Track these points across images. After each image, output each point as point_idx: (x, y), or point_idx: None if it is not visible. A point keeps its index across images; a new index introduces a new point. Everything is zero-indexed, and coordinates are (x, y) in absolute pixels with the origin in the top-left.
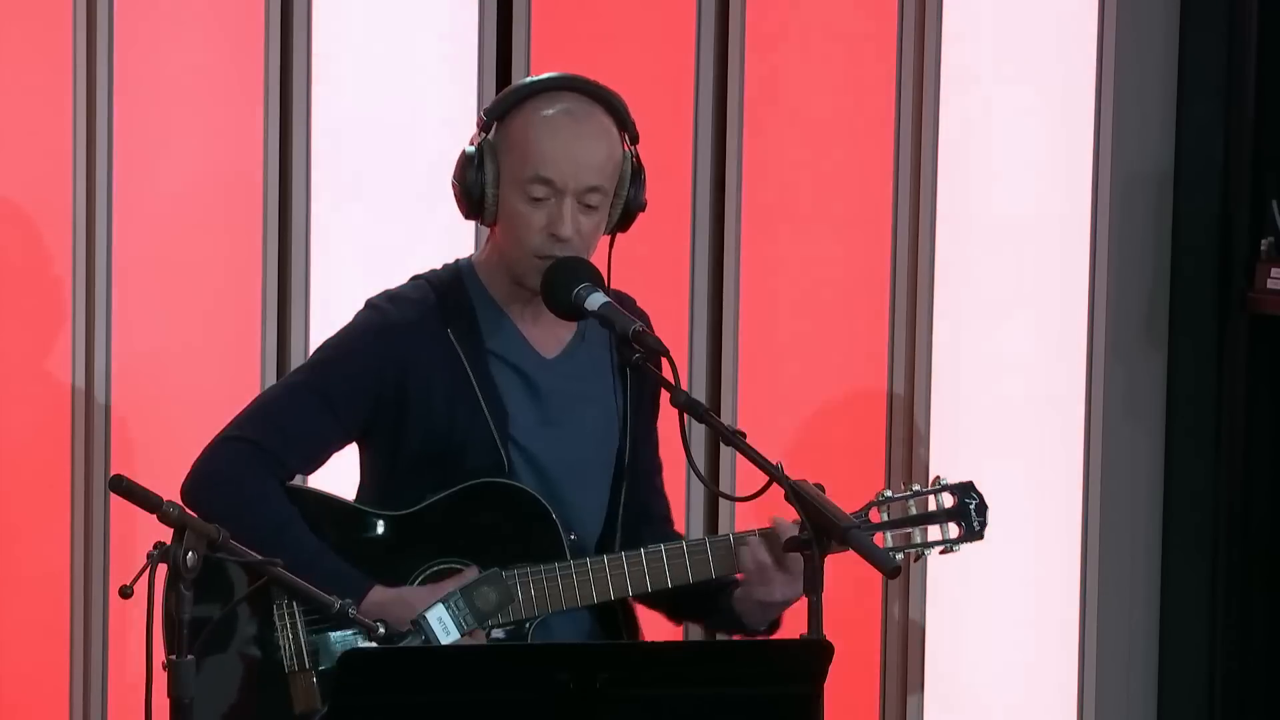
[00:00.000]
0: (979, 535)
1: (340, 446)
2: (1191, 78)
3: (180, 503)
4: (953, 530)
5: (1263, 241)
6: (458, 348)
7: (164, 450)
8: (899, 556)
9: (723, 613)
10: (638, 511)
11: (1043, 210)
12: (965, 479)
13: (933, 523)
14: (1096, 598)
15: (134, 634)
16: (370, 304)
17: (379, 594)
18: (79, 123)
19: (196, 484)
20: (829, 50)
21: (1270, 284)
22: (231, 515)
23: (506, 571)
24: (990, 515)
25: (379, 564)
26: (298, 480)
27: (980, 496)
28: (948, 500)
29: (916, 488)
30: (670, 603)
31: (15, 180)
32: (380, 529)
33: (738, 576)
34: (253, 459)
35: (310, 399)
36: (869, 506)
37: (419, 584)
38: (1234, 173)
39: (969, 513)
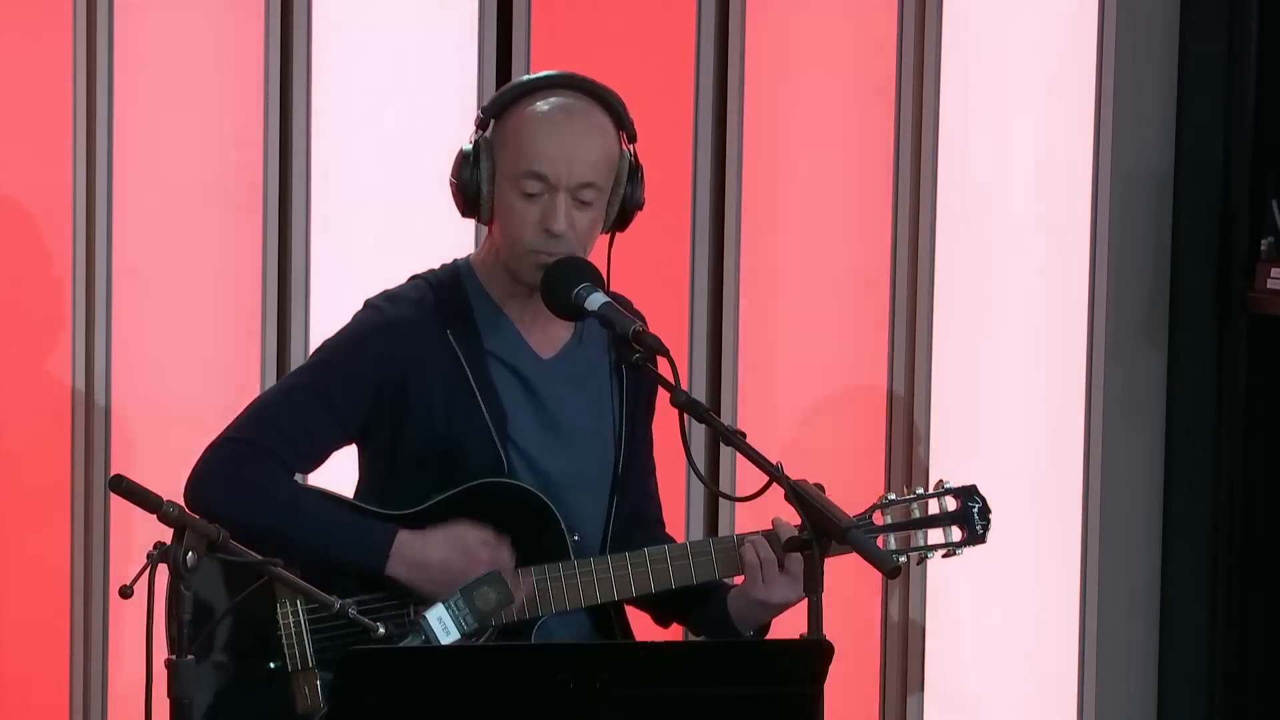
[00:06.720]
0: (981, 539)
1: (340, 446)
2: (1191, 78)
3: (182, 504)
4: (955, 534)
5: (1263, 241)
6: (456, 348)
7: (164, 450)
8: (901, 559)
9: (712, 610)
10: (629, 515)
11: (1043, 210)
12: (968, 482)
13: (935, 526)
14: (1096, 598)
15: (134, 634)
16: (369, 304)
17: (405, 538)
18: (79, 123)
19: (198, 486)
20: (829, 51)
21: (1270, 284)
22: (238, 508)
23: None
24: (993, 519)
25: None
26: (297, 479)
27: (983, 500)
28: (950, 504)
29: (919, 491)
30: (657, 603)
31: (15, 180)
32: None
33: (735, 581)
34: (253, 457)
35: (310, 399)
36: (872, 509)
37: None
38: (1234, 173)
39: (972, 516)
